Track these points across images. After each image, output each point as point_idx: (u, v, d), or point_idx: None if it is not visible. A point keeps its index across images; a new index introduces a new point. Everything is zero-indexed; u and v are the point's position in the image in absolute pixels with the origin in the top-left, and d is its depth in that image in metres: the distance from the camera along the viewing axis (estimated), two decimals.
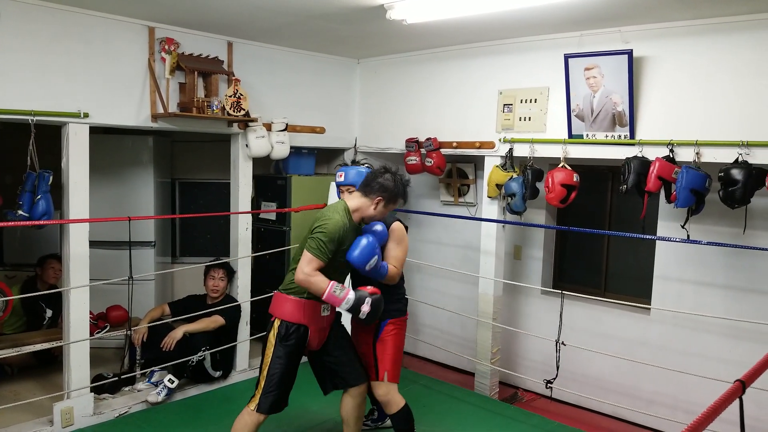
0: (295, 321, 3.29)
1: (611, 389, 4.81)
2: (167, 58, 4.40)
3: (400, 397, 3.58)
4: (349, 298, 3.15)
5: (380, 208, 3.32)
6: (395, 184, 3.33)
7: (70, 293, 4.15)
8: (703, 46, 3.82)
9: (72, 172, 4.10)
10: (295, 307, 3.30)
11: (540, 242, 5.40)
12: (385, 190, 3.30)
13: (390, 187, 3.31)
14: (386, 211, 3.37)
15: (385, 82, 5.74)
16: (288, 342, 3.28)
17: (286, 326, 3.29)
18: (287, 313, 3.30)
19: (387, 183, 3.31)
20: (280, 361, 3.28)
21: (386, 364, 3.58)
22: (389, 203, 3.34)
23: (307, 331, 3.32)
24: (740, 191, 3.53)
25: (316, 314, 3.34)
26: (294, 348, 3.30)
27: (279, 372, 3.28)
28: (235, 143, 5.04)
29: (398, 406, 3.55)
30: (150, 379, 4.71)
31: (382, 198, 3.30)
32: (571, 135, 4.38)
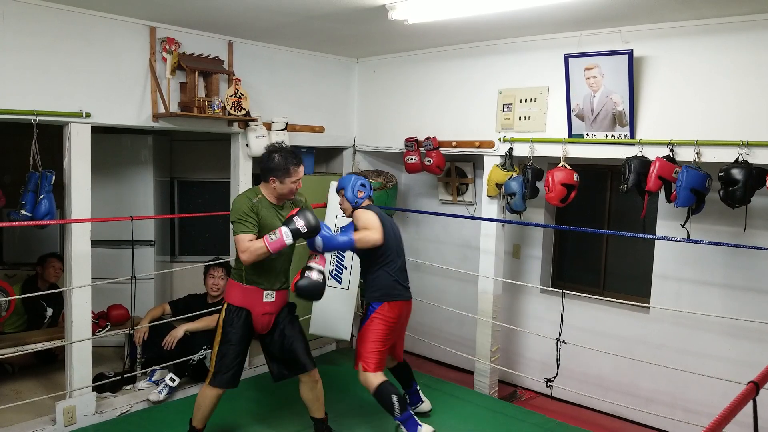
0: (238, 305, 3.65)
1: (610, 387, 4.83)
2: (168, 58, 4.41)
3: (377, 379, 3.86)
4: (285, 231, 3.42)
5: (279, 185, 3.57)
6: (279, 160, 3.54)
7: (72, 292, 4.15)
8: (703, 46, 3.84)
9: (74, 172, 4.11)
10: (238, 292, 3.67)
11: (539, 241, 5.41)
12: (272, 170, 3.55)
13: (274, 166, 3.54)
14: (288, 183, 3.57)
15: (384, 82, 5.74)
16: (232, 324, 3.63)
17: (231, 309, 3.66)
18: (232, 298, 3.68)
19: (271, 163, 3.55)
20: (228, 342, 3.63)
21: (361, 356, 3.93)
22: (284, 177, 3.55)
23: (249, 315, 3.65)
24: (740, 191, 3.55)
25: (258, 299, 3.65)
26: (238, 330, 3.63)
27: (227, 351, 3.63)
28: (235, 142, 5.05)
29: (374, 386, 3.85)
30: (151, 378, 4.71)
31: (274, 177, 3.56)
32: (571, 134, 4.39)
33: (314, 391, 3.85)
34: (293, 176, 3.57)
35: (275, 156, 3.56)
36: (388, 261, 4.01)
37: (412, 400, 4.45)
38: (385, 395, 3.83)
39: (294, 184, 3.61)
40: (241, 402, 4.66)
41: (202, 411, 3.71)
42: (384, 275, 4.01)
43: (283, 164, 3.54)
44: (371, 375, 3.87)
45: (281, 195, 3.64)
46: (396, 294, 4.02)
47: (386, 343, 4.00)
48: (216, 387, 3.65)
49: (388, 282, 4.01)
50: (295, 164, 3.58)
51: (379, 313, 3.97)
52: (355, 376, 4.04)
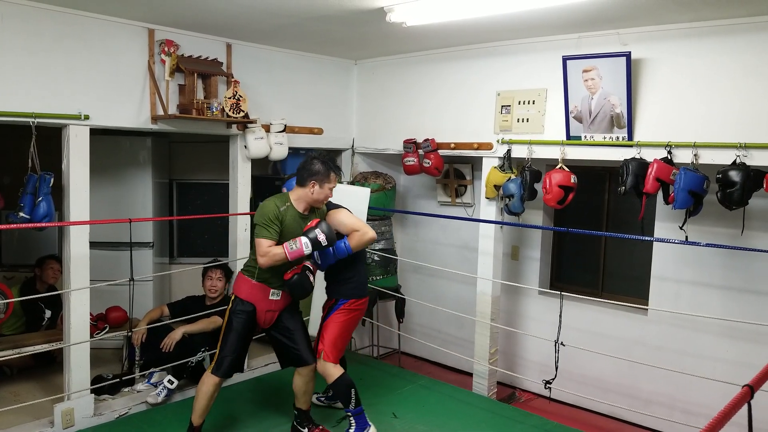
0: (245, 299, 3.80)
1: (609, 389, 4.84)
2: (167, 60, 4.41)
3: (336, 369, 3.91)
4: (305, 242, 3.60)
5: (317, 189, 3.72)
6: (321, 164, 3.72)
7: (70, 295, 4.15)
8: (701, 48, 3.85)
9: (72, 174, 4.10)
10: (247, 287, 3.81)
11: (537, 243, 5.42)
12: (315, 174, 3.70)
13: (317, 170, 3.70)
14: (326, 189, 3.74)
15: (382, 83, 5.75)
16: (238, 316, 3.78)
17: (238, 302, 3.81)
18: (242, 292, 3.83)
19: (313, 167, 3.71)
20: (232, 333, 3.78)
21: (324, 345, 3.95)
22: (324, 182, 3.72)
23: (254, 310, 3.80)
24: (738, 193, 3.56)
25: (265, 297, 3.81)
26: (243, 323, 3.78)
27: (231, 342, 3.77)
28: (233, 144, 5.05)
29: (334, 376, 3.89)
30: (149, 380, 4.71)
31: (315, 181, 3.71)
32: (569, 136, 4.40)
33: (308, 384, 3.98)
34: (332, 182, 3.76)
35: (317, 161, 3.73)
36: (364, 258, 4.18)
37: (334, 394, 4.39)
38: (344, 386, 3.90)
39: (330, 191, 3.78)
40: (239, 404, 4.66)
41: (200, 401, 3.81)
42: (362, 272, 4.15)
43: (324, 170, 3.71)
44: (331, 365, 3.90)
45: (315, 200, 3.77)
46: (366, 291, 4.16)
47: (349, 337, 4.17)
48: (214, 375, 3.78)
49: (363, 279, 4.16)
50: (336, 171, 3.80)
51: (349, 306, 4.04)
52: (352, 375, 4.03)
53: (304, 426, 4.06)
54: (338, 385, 3.91)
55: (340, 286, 4.08)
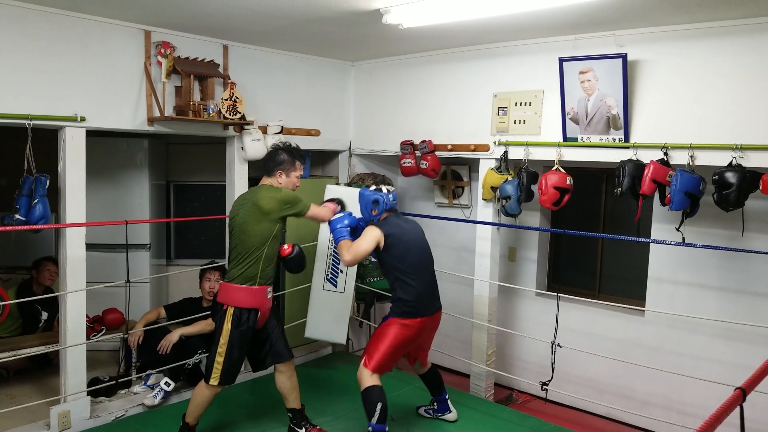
0: (249, 306, 3.75)
1: (606, 390, 4.84)
2: (163, 62, 4.40)
3: (371, 380, 3.82)
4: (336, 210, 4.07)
5: (284, 178, 3.86)
6: (286, 153, 3.87)
7: (66, 297, 4.15)
8: (697, 49, 3.85)
9: (69, 176, 4.10)
10: (248, 294, 3.74)
11: (534, 244, 5.43)
12: (280, 164, 3.84)
13: (282, 160, 3.85)
14: (292, 178, 3.88)
15: (379, 85, 5.75)
16: (242, 327, 3.74)
17: (240, 312, 3.73)
18: (241, 301, 3.74)
19: (278, 157, 3.85)
20: (236, 344, 3.73)
21: (371, 353, 3.89)
22: (290, 171, 3.87)
23: (257, 314, 3.80)
24: (734, 194, 3.56)
25: (264, 297, 3.82)
26: (246, 330, 3.77)
27: (236, 356, 3.76)
28: (230, 146, 5.05)
29: (364, 385, 3.82)
30: (146, 382, 4.70)
31: (281, 170, 3.85)
32: (566, 138, 4.40)
33: (291, 380, 4.00)
34: (298, 170, 3.89)
35: (281, 151, 3.88)
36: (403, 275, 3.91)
37: (440, 408, 4.45)
38: (372, 399, 3.78)
39: (297, 179, 3.91)
40: (236, 407, 4.66)
41: (197, 407, 3.82)
42: (401, 290, 3.92)
43: (289, 158, 3.86)
44: (367, 373, 3.84)
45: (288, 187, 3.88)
46: (411, 312, 3.90)
47: (398, 351, 3.93)
48: (222, 386, 3.78)
49: (404, 297, 3.90)
50: (301, 159, 3.92)
51: (398, 321, 3.90)
52: (351, 378, 4.02)
53: (300, 426, 4.04)
54: (365, 395, 3.80)
55: (397, 301, 3.95)
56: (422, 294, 3.94)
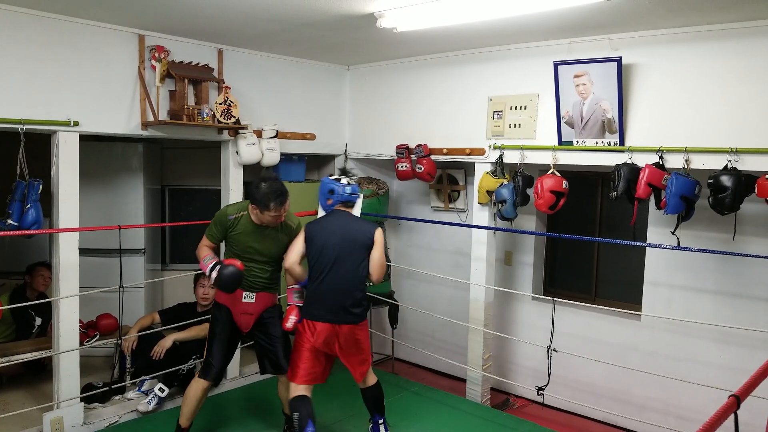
0: (220, 302, 3.89)
1: (603, 395, 4.82)
2: (157, 66, 4.39)
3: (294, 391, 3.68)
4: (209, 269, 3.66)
5: (258, 214, 3.69)
6: (262, 194, 3.61)
7: (59, 302, 4.12)
8: (692, 53, 3.85)
9: (62, 181, 4.08)
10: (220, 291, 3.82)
11: (531, 248, 5.41)
12: (254, 200, 3.67)
13: (257, 197, 3.64)
14: (267, 216, 3.66)
15: (375, 89, 5.74)
16: (216, 321, 3.89)
17: (215, 306, 3.93)
18: (218, 296, 3.93)
19: (255, 193, 3.64)
20: (215, 338, 3.86)
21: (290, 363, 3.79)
22: (263, 210, 3.65)
23: (229, 312, 3.86)
24: (730, 198, 3.55)
25: (237, 298, 3.83)
26: (222, 326, 3.85)
27: (215, 347, 3.85)
28: (225, 150, 5.03)
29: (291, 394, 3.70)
30: (140, 388, 4.67)
31: (254, 206, 3.69)
32: (561, 142, 4.39)
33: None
34: (272, 212, 3.64)
35: (262, 186, 3.62)
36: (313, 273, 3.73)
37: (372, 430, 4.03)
38: (291, 409, 3.64)
39: (272, 218, 3.69)
40: (231, 411, 4.64)
41: (188, 405, 3.85)
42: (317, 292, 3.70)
43: (263, 200, 3.61)
44: (292, 385, 3.71)
45: (260, 221, 3.75)
46: (304, 311, 3.74)
47: (305, 355, 3.68)
48: (202, 379, 3.83)
49: (314, 299, 3.71)
50: (277, 204, 3.62)
51: (303, 329, 3.72)
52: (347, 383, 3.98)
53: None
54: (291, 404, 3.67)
55: None
56: (320, 298, 3.67)
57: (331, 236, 3.71)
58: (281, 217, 3.73)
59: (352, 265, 3.70)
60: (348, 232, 3.74)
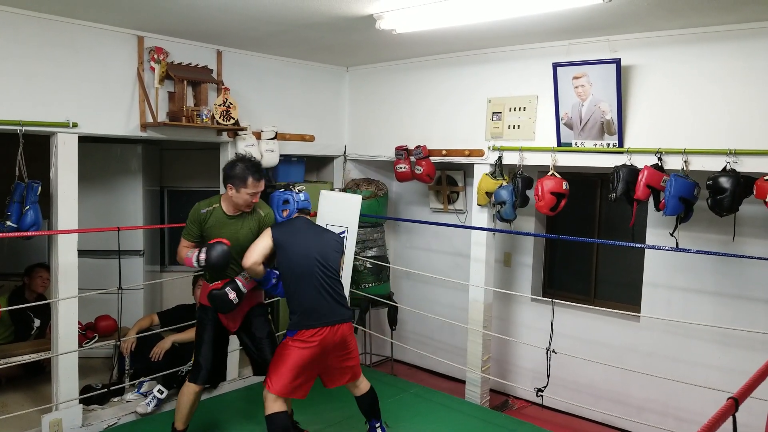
0: (203, 303, 3.83)
1: (602, 396, 4.82)
2: (156, 68, 4.39)
3: (274, 404, 3.53)
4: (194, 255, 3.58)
5: (235, 193, 3.63)
6: (239, 169, 3.60)
7: (58, 304, 4.11)
8: (691, 54, 3.85)
9: (60, 182, 4.08)
10: (205, 291, 3.80)
11: (530, 249, 5.41)
12: (231, 178, 3.62)
13: (234, 174, 3.60)
14: (243, 194, 3.62)
15: (374, 90, 5.74)
16: (202, 323, 3.85)
17: (201, 308, 3.88)
18: (202, 297, 3.86)
19: (231, 171, 3.62)
20: (203, 338, 3.82)
21: (271, 374, 3.58)
22: (240, 187, 3.61)
23: (215, 312, 3.79)
24: (728, 199, 3.55)
25: None
26: (208, 328, 3.82)
27: (203, 347, 3.82)
28: (224, 152, 5.03)
29: (269, 410, 3.55)
30: (139, 390, 4.67)
31: (231, 184, 3.62)
32: (560, 143, 4.40)
33: None
34: (250, 188, 3.60)
35: (237, 164, 3.63)
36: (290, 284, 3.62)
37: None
38: (275, 427, 3.53)
39: (250, 197, 3.65)
40: (229, 413, 4.63)
41: (181, 410, 3.84)
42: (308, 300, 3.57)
43: (241, 173, 3.59)
44: (271, 397, 3.54)
45: (237, 205, 3.70)
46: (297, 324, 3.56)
47: (299, 371, 3.55)
48: (192, 383, 3.80)
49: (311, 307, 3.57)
50: (256, 177, 3.61)
51: (295, 338, 3.55)
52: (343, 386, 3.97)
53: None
54: (269, 422, 3.53)
55: (290, 315, 3.64)
56: (316, 305, 3.57)
57: (308, 241, 3.68)
58: (257, 197, 3.69)
59: (335, 265, 3.71)
60: (320, 236, 3.80)
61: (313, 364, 3.59)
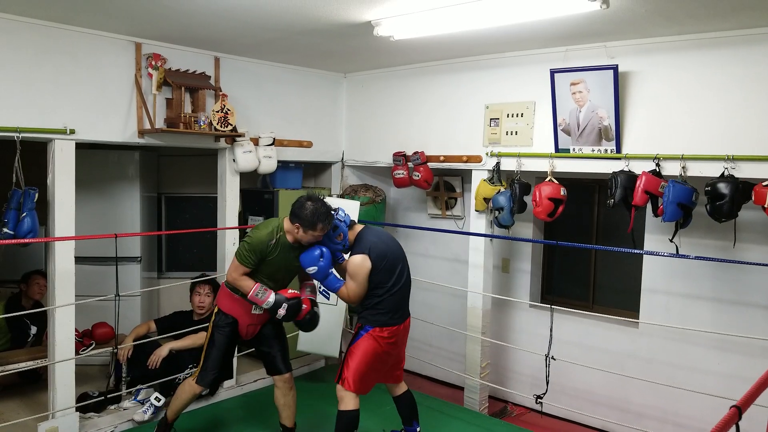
0: (228, 312, 3.85)
1: (601, 402, 4.81)
2: (154, 74, 4.39)
3: (352, 402, 3.65)
4: (269, 301, 3.69)
5: (302, 233, 3.63)
6: (309, 213, 3.56)
7: (55, 311, 4.10)
8: (688, 61, 3.86)
9: (58, 189, 4.07)
10: (229, 301, 3.84)
11: (528, 255, 5.41)
12: (299, 219, 3.60)
13: (303, 216, 3.57)
14: (309, 235, 3.62)
15: (372, 96, 5.75)
16: (220, 330, 3.86)
17: (221, 315, 3.86)
18: (224, 305, 3.87)
19: (301, 212, 3.59)
20: (216, 344, 3.85)
21: (346, 371, 3.69)
22: (307, 229, 3.60)
23: (236, 323, 3.86)
24: (727, 205, 3.55)
25: (247, 311, 3.83)
26: (226, 334, 3.85)
27: (214, 353, 3.85)
28: (222, 158, 5.03)
29: (345, 407, 3.65)
30: (136, 398, 4.64)
31: (299, 225, 3.61)
32: (558, 149, 4.40)
33: (287, 397, 3.99)
34: (317, 232, 3.61)
35: (308, 205, 3.57)
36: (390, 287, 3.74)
37: None
38: (345, 421, 3.64)
39: (313, 238, 3.65)
40: (228, 420, 4.61)
41: (178, 403, 3.93)
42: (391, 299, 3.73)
43: (312, 218, 3.56)
44: (349, 395, 3.65)
45: (300, 239, 3.68)
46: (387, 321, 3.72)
47: (376, 367, 3.75)
48: (198, 384, 3.87)
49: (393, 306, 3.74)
50: (324, 225, 3.60)
51: (372, 333, 3.70)
52: None
53: None
54: (340, 418, 3.65)
55: (363, 310, 3.77)
56: (400, 302, 3.80)
57: (388, 248, 3.78)
58: (321, 238, 3.68)
59: (408, 268, 3.93)
60: (394, 242, 3.91)
61: (389, 357, 3.82)
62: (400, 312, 3.81)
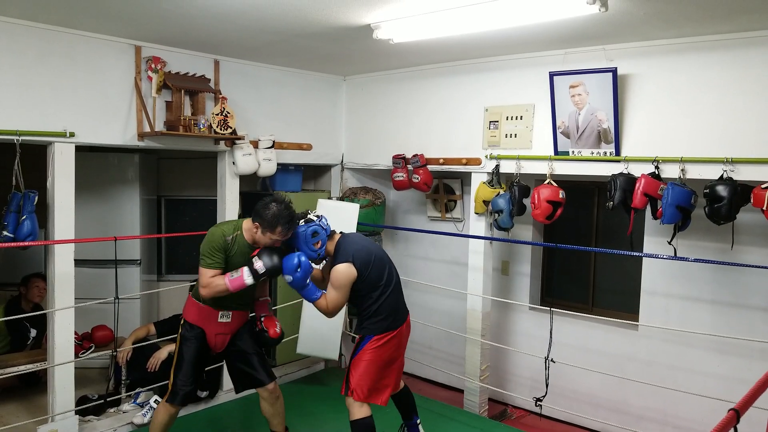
0: (193, 322, 3.66)
1: (600, 405, 4.81)
2: (154, 77, 4.39)
3: (360, 410, 3.59)
4: (246, 271, 3.42)
5: (260, 234, 3.46)
6: (271, 214, 3.39)
7: (54, 314, 4.10)
8: (687, 63, 3.87)
9: (57, 192, 4.07)
10: (195, 310, 3.66)
11: (528, 258, 5.41)
12: (261, 218, 3.43)
13: (265, 216, 3.41)
14: (267, 237, 3.44)
15: (371, 99, 5.75)
16: (187, 342, 3.64)
17: (187, 326, 3.66)
18: (190, 315, 3.68)
19: (264, 212, 3.42)
20: (185, 358, 3.62)
21: (352, 382, 3.62)
22: (266, 231, 3.43)
23: (203, 333, 3.65)
24: (726, 208, 3.56)
25: (213, 319, 3.65)
26: (193, 349, 3.62)
27: (185, 367, 3.61)
28: (221, 161, 5.03)
29: (354, 416, 3.59)
30: (136, 401, 4.64)
31: (259, 224, 3.45)
32: (557, 152, 4.40)
33: (274, 406, 3.81)
34: (276, 236, 3.43)
35: (273, 206, 3.41)
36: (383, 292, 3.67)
37: None
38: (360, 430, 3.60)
39: (270, 242, 3.47)
40: (227, 424, 4.61)
41: (155, 428, 3.65)
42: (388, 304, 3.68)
43: (272, 220, 3.39)
44: (356, 405, 3.60)
45: (258, 240, 3.51)
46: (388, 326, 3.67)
47: (382, 371, 3.68)
48: (169, 404, 3.60)
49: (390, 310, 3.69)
50: (284, 228, 3.42)
51: (373, 344, 3.63)
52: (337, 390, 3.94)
53: None
54: (354, 429, 3.61)
55: (363, 320, 3.70)
56: (397, 301, 3.75)
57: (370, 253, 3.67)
58: (279, 244, 3.52)
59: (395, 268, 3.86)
60: (373, 245, 3.82)
61: (394, 358, 3.74)
62: (400, 312, 3.77)
